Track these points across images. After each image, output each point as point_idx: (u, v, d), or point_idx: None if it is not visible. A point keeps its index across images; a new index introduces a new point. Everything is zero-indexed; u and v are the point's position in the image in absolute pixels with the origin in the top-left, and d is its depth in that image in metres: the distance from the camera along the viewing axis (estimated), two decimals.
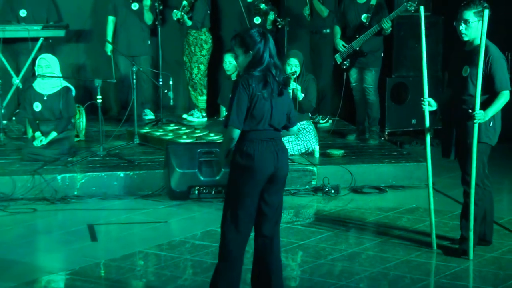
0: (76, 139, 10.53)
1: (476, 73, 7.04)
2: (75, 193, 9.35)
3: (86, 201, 9.22)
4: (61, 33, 11.72)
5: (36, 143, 9.87)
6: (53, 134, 9.92)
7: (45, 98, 10.02)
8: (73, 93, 10.15)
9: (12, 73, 11.63)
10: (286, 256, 7.43)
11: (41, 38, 11.57)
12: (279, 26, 11.79)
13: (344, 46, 10.81)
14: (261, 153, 5.81)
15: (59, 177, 9.37)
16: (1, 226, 8.35)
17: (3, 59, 11.50)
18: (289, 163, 6.65)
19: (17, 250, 7.68)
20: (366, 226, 8.52)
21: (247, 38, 5.81)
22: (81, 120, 10.82)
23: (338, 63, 10.96)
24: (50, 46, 11.65)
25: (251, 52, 5.79)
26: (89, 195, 9.33)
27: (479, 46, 7.02)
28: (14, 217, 8.63)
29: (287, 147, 6.21)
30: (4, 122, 10.91)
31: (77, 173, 9.46)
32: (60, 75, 10.10)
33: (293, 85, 9.87)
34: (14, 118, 11.61)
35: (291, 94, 9.36)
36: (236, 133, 5.77)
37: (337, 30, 10.99)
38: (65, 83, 10.12)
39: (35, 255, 7.74)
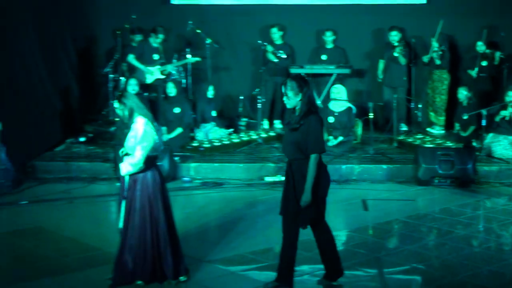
0: (354, 142, 10.58)
1: None
2: (353, 178, 9.36)
3: (360, 184, 9.20)
4: (347, 71, 11.82)
5: (329, 143, 9.99)
6: (340, 138, 10.01)
7: (336, 114, 10.17)
8: (354, 111, 10.23)
9: (316, 97, 11.72)
10: None
11: (334, 74, 11.76)
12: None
13: None
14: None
15: (343, 166, 9.44)
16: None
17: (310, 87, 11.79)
18: None
19: None
20: None
21: None
22: (358, 129, 10.88)
23: None
24: (340, 79, 11.80)
25: None
26: (362, 179, 9.32)
27: None
28: None
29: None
30: None
31: (355, 164, 9.51)
32: (346, 98, 10.22)
33: None
34: None
35: None
36: None
37: None
38: (349, 104, 10.23)
39: (327, 218, 7.84)
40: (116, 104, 5.58)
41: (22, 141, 9.57)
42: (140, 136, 5.47)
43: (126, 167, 5.48)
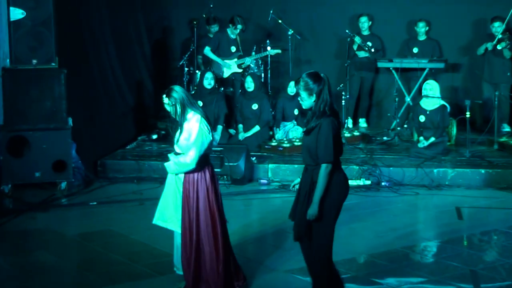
0: (448, 143, 10.40)
1: None
2: (446, 183, 9.20)
3: (454, 189, 9.04)
4: (441, 65, 11.65)
5: (420, 145, 9.89)
6: (432, 139, 9.87)
7: (428, 112, 10.00)
8: (448, 109, 10.04)
9: (405, 93, 11.81)
10: None
11: (427, 69, 11.61)
12: None
13: None
14: None
15: (435, 170, 9.29)
16: (394, 204, 8.42)
17: (400, 83, 11.70)
18: None
19: (402, 220, 7.74)
20: None
21: None
22: (452, 129, 10.69)
23: None
24: (433, 74, 11.63)
25: None
26: (457, 185, 9.14)
27: None
28: (403, 198, 8.68)
29: None
30: (398, 128, 11.05)
31: (448, 168, 9.35)
32: (439, 96, 10.06)
33: None
34: (405, 125, 11.71)
35: None
36: None
37: None
38: (442, 102, 10.04)
39: (415, 227, 7.76)
40: (165, 99, 5.53)
41: (93, 138, 9.87)
42: (195, 135, 5.44)
43: (177, 167, 5.48)
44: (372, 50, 11.72)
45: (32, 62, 8.79)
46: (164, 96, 5.57)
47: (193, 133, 5.43)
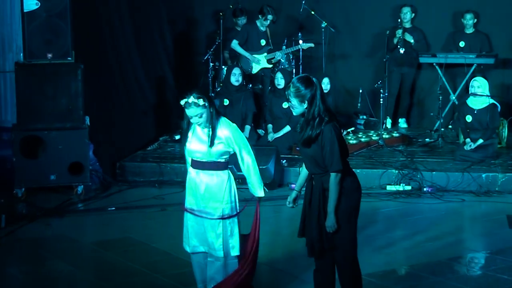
0: (498, 146, 10.29)
1: None
2: (496, 188, 9.12)
3: (505, 196, 8.94)
4: (491, 60, 11.54)
5: (466, 147, 9.82)
6: (480, 141, 9.81)
7: (475, 112, 9.91)
8: (498, 109, 9.94)
9: (450, 91, 11.72)
10: None
11: (475, 64, 11.51)
12: None
13: None
14: None
15: (483, 175, 9.21)
16: (437, 211, 8.37)
17: (444, 80, 11.61)
18: None
19: (447, 229, 7.67)
20: None
21: None
22: (503, 131, 10.58)
23: None
24: (482, 70, 11.52)
25: None
26: (508, 191, 9.04)
27: None
28: (447, 205, 8.62)
29: None
30: (442, 129, 10.97)
31: (498, 173, 9.25)
32: (488, 94, 9.95)
33: None
34: (450, 126, 11.63)
35: None
36: None
37: None
38: (492, 101, 9.93)
39: (461, 236, 7.69)
40: (194, 99, 5.43)
41: (111, 138, 9.92)
42: (243, 140, 5.54)
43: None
44: (412, 41, 11.63)
45: (47, 57, 8.84)
46: (195, 95, 5.51)
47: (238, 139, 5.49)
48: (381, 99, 11.10)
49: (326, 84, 10.77)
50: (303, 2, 11.97)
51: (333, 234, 5.05)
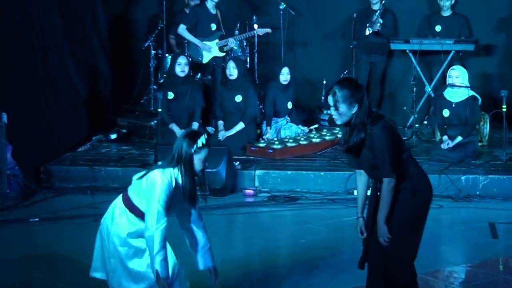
0: (479, 144, 10.40)
1: None
2: (477, 193, 9.22)
3: (487, 201, 9.03)
4: (470, 47, 11.68)
5: (444, 146, 9.88)
6: (459, 138, 9.85)
7: (454, 105, 9.98)
8: (479, 102, 10.04)
9: (425, 82, 11.82)
10: None
11: (453, 51, 11.63)
12: None
13: None
14: None
15: (463, 177, 9.30)
16: None
17: (418, 69, 11.71)
18: None
19: (422, 240, 7.73)
20: None
21: None
22: (485, 127, 10.69)
23: None
24: (460, 58, 11.64)
25: None
26: (490, 195, 9.15)
27: None
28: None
29: None
30: (416, 125, 11.04)
31: (479, 175, 9.35)
32: (468, 85, 10.03)
33: None
34: (425, 122, 11.71)
35: None
36: None
37: None
38: (472, 93, 10.02)
39: (438, 247, 7.70)
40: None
41: (34, 138, 9.78)
42: None
43: None
44: (378, 26, 11.67)
45: None
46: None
47: None
48: None
49: (285, 74, 10.79)
50: None
51: (390, 245, 5.17)
